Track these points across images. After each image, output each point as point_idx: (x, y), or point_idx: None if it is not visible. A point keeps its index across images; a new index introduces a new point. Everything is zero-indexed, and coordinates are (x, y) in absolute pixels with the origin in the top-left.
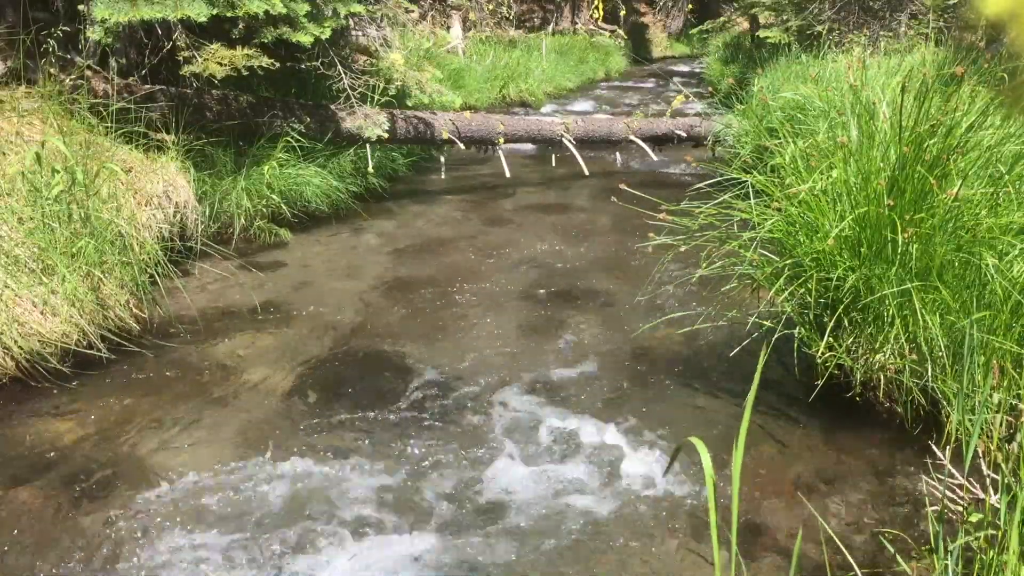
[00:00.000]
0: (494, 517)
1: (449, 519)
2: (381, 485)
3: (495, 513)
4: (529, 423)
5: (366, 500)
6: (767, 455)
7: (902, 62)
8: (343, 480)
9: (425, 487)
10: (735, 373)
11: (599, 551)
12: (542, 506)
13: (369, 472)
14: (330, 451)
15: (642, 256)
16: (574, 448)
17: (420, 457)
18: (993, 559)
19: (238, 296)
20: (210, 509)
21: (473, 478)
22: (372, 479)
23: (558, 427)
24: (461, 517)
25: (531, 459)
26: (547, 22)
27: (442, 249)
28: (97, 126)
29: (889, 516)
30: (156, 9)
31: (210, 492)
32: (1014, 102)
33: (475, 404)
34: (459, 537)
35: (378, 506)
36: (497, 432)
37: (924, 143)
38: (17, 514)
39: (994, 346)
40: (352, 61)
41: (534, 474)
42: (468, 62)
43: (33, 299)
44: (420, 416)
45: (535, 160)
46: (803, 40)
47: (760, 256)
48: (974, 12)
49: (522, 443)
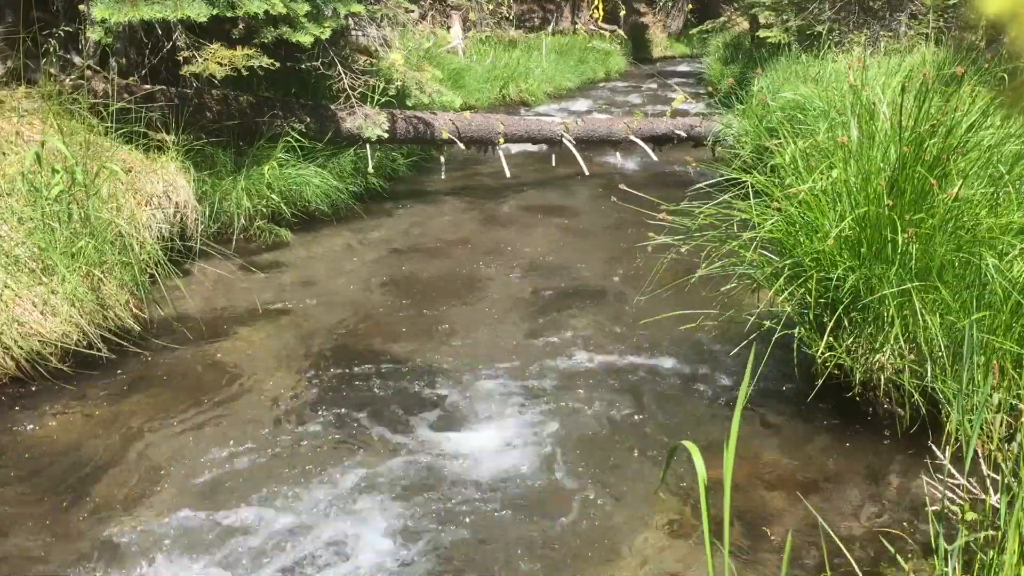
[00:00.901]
0: (494, 516)
1: (448, 517)
2: (381, 483)
3: (495, 512)
4: (529, 422)
5: (366, 500)
6: (767, 455)
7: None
8: (343, 480)
9: (426, 486)
10: (735, 373)
11: (599, 551)
12: (540, 505)
13: (369, 472)
14: (330, 450)
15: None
16: (574, 447)
17: (420, 456)
18: (993, 559)
19: (238, 296)
20: (210, 508)
21: (473, 477)
22: (372, 479)
23: (558, 426)
24: (460, 516)
25: (530, 458)
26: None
27: (442, 249)
28: (97, 126)
29: (889, 516)
30: (156, 9)
31: (210, 492)
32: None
33: (475, 404)
34: (458, 538)
35: (380, 506)
36: (497, 431)
37: (924, 143)
38: (16, 514)
39: (994, 346)
40: (352, 61)
41: (534, 473)
42: (468, 62)
43: (33, 299)
44: (420, 416)
45: (535, 160)
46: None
47: (760, 256)
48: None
49: (522, 442)
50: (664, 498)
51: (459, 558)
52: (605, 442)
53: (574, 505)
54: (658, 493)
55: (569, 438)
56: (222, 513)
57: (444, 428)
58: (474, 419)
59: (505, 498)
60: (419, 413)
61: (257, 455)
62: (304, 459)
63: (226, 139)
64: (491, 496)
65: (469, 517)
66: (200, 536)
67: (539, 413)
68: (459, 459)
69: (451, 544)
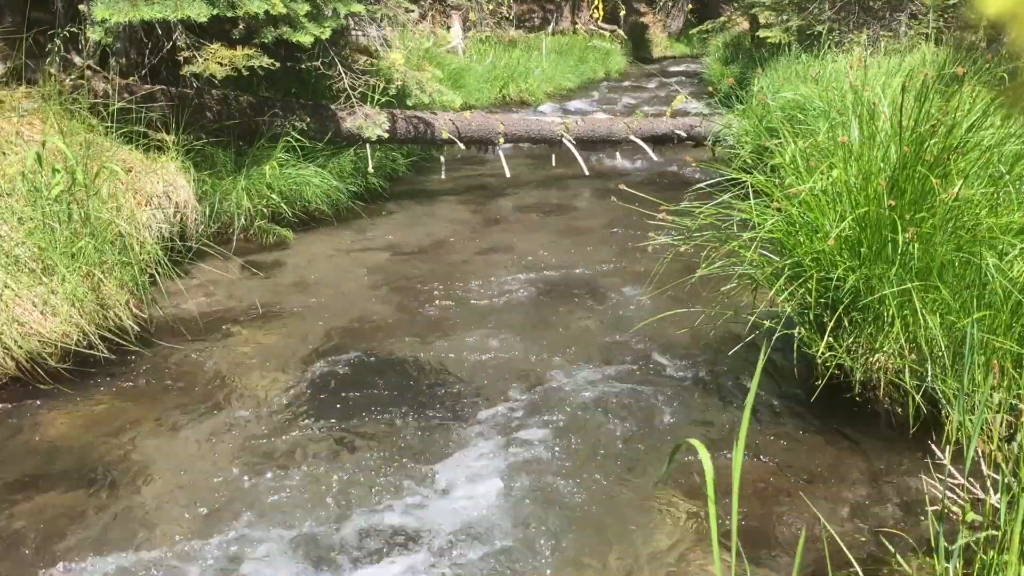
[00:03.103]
0: (492, 513)
1: (445, 513)
2: (382, 484)
3: (493, 509)
4: (529, 422)
5: (367, 500)
6: (767, 455)
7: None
8: (343, 479)
9: (425, 486)
10: (735, 373)
11: (600, 552)
12: (538, 504)
13: (370, 472)
14: (330, 450)
15: (642, 256)
16: (573, 447)
17: (420, 455)
18: (993, 559)
19: (238, 296)
20: (210, 508)
21: (472, 479)
22: (372, 478)
23: (557, 426)
24: (457, 513)
25: (530, 457)
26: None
27: (442, 249)
28: (97, 126)
29: (890, 516)
30: (156, 9)
31: (210, 492)
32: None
33: (475, 404)
34: (459, 538)
35: (381, 506)
36: (498, 431)
37: (924, 143)
38: (16, 514)
39: (994, 346)
40: (352, 61)
41: (533, 472)
42: (468, 62)
43: (33, 299)
44: (420, 415)
45: (535, 160)
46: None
47: (760, 256)
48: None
49: (522, 442)
50: (665, 498)
51: (461, 557)
52: (605, 442)
53: (573, 504)
54: (661, 490)
55: (569, 437)
56: (222, 513)
57: (444, 428)
58: (474, 419)
59: (505, 498)
60: (419, 413)
61: (256, 455)
62: (303, 459)
63: (226, 139)
64: (491, 496)
65: (469, 517)
66: (199, 536)
67: (539, 413)
68: (460, 459)
69: (453, 544)
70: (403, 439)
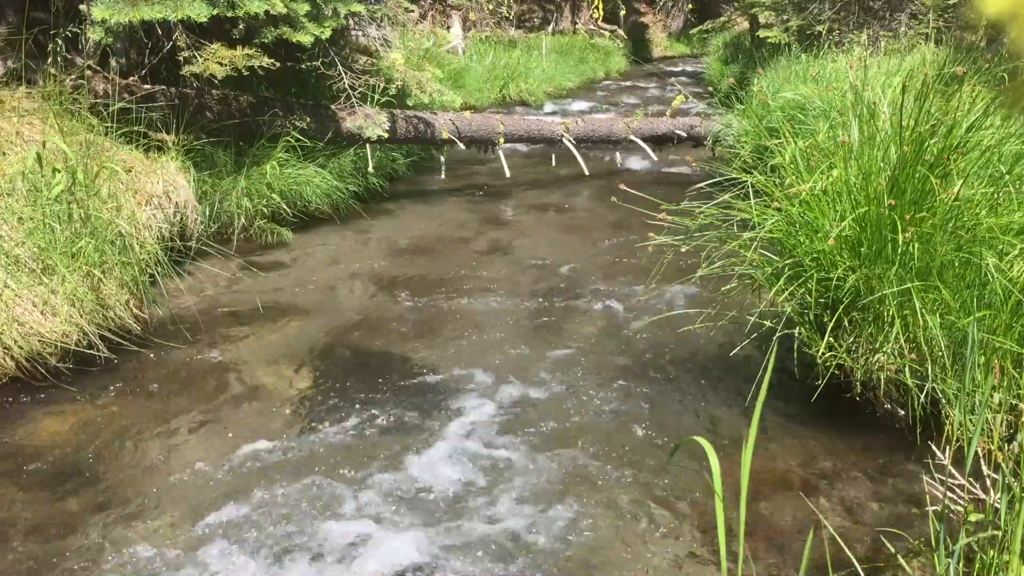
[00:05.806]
0: (491, 513)
1: (445, 512)
2: (382, 484)
3: (492, 508)
4: (529, 422)
5: (367, 499)
6: (767, 455)
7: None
8: (343, 479)
9: (426, 485)
10: (735, 373)
11: (601, 553)
12: (538, 504)
13: (370, 471)
14: (330, 450)
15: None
16: (573, 447)
17: (420, 454)
18: (994, 559)
19: (238, 296)
20: (210, 509)
21: (472, 476)
22: (372, 478)
23: (556, 426)
24: (456, 513)
25: (530, 457)
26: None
27: (442, 249)
28: (97, 126)
29: (890, 515)
30: (156, 9)
31: (210, 491)
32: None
33: (475, 403)
34: (458, 539)
35: (381, 502)
36: (498, 431)
37: (925, 143)
38: (16, 514)
39: (994, 346)
40: (352, 61)
41: (533, 472)
42: (468, 62)
43: (33, 299)
44: (421, 415)
45: (535, 160)
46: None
47: (760, 256)
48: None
49: (521, 441)
50: (665, 499)
51: (463, 558)
52: (605, 441)
53: (574, 501)
54: (662, 490)
55: (568, 436)
56: (221, 513)
57: (445, 428)
58: (474, 420)
59: (505, 499)
60: (420, 412)
61: (256, 455)
62: (303, 459)
63: (226, 139)
64: (490, 496)
65: (469, 517)
66: (198, 536)
67: (539, 413)
68: (460, 458)
69: (455, 543)
70: (403, 438)
